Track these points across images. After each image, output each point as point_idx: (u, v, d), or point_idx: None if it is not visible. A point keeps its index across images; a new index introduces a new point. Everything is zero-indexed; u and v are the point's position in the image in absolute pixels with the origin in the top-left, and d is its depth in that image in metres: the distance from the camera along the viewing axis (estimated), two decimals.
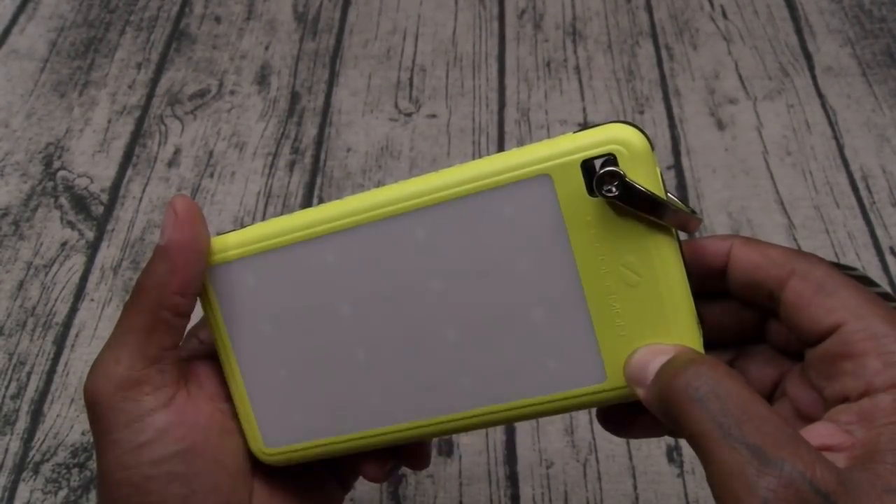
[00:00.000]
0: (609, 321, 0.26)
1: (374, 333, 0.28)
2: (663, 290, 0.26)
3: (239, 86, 0.68)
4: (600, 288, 0.26)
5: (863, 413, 0.25)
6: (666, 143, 0.63)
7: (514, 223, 0.26)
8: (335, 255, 0.28)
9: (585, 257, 0.26)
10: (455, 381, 0.27)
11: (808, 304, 0.27)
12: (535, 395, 0.27)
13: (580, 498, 0.46)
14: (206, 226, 0.30)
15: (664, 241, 0.26)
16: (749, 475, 0.22)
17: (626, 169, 0.25)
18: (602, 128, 0.26)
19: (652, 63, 0.69)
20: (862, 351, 0.25)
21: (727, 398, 0.23)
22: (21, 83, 0.69)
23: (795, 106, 0.65)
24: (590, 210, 0.26)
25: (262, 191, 0.61)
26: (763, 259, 0.28)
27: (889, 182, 0.60)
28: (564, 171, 0.26)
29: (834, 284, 0.27)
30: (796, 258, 0.28)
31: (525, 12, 0.74)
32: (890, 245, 0.57)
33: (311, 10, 0.75)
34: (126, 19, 0.74)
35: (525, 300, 0.27)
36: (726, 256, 0.29)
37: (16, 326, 0.54)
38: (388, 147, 0.63)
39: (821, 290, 0.26)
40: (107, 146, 0.64)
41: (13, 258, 0.57)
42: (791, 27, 0.71)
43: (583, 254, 0.26)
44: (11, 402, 0.50)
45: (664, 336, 0.26)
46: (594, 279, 0.26)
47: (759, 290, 0.28)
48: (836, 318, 0.26)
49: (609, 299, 0.26)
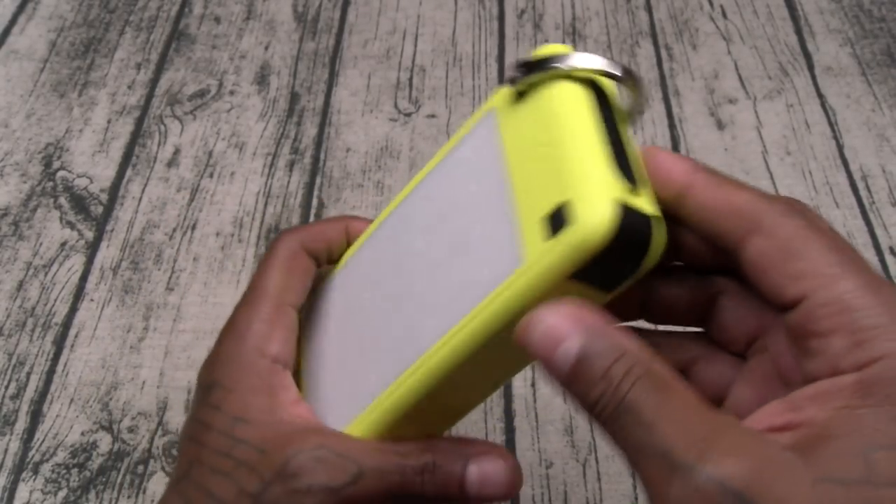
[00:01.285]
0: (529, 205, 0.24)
1: (379, 310, 0.30)
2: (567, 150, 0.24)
3: (238, 86, 0.68)
4: (524, 182, 0.25)
5: (820, 393, 0.21)
6: (666, 143, 0.63)
7: (468, 160, 0.28)
8: (369, 251, 0.32)
9: (514, 156, 0.26)
10: (422, 324, 0.27)
11: (771, 267, 0.23)
12: (474, 306, 0.25)
13: (580, 498, 0.46)
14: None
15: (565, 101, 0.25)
16: (660, 486, 0.20)
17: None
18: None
19: (651, 63, 0.69)
20: (828, 328, 0.22)
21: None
22: (21, 83, 0.69)
23: (795, 106, 0.65)
24: (518, 114, 0.26)
25: (261, 191, 0.61)
26: (725, 205, 0.24)
27: (889, 182, 0.60)
28: (503, 97, 0.27)
29: (804, 243, 0.22)
30: (765, 208, 0.23)
31: (525, 12, 0.74)
32: (890, 245, 0.57)
33: (311, 10, 0.75)
34: (126, 19, 0.74)
35: (469, 222, 0.27)
36: (683, 190, 0.25)
37: (15, 326, 0.54)
38: (388, 147, 0.63)
39: (786, 252, 0.22)
40: (106, 146, 0.64)
41: (13, 258, 0.57)
42: (791, 27, 0.71)
43: (512, 154, 0.26)
44: (11, 402, 0.50)
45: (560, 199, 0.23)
46: (520, 173, 0.25)
47: (718, 242, 0.24)
48: (801, 287, 0.22)
49: (530, 189, 0.25)
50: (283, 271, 0.32)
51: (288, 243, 0.32)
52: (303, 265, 0.32)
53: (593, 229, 0.22)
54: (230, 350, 0.30)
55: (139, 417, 0.49)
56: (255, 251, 0.57)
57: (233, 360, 0.30)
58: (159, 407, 0.50)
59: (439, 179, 0.29)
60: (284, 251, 0.32)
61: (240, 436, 0.28)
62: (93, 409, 0.50)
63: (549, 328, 0.22)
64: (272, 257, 0.32)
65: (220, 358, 0.30)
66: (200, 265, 0.57)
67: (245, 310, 0.31)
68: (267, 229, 0.59)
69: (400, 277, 0.29)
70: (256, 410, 0.28)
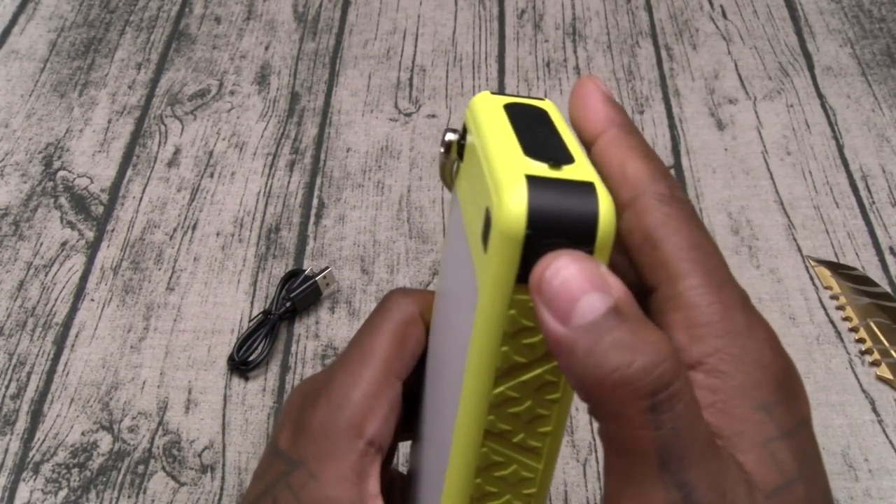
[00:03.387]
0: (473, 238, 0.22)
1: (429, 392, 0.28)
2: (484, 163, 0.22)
3: (239, 86, 0.68)
4: (470, 221, 0.23)
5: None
6: (666, 143, 0.63)
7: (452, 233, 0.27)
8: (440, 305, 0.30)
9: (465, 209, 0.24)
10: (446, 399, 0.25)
11: (633, 250, 0.22)
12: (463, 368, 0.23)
13: (580, 498, 0.46)
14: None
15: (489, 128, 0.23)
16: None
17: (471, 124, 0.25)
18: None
19: (652, 63, 0.69)
20: (669, 322, 0.21)
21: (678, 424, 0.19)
22: (21, 83, 0.69)
23: (795, 106, 0.65)
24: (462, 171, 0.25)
25: (262, 191, 0.61)
26: (617, 170, 0.23)
27: (889, 182, 0.60)
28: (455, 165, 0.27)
29: (666, 233, 0.22)
30: (646, 187, 0.22)
31: (525, 12, 0.74)
32: (890, 245, 0.57)
33: (311, 10, 0.75)
34: (126, 19, 0.74)
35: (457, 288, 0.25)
36: (595, 138, 0.24)
37: (16, 326, 0.54)
38: (388, 147, 0.63)
39: (647, 239, 0.22)
40: (107, 146, 0.64)
41: (13, 258, 0.57)
42: (791, 27, 0.71)
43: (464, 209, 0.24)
44: (11, 402, 0.50)
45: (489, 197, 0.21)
46: (468, 218, 0.23)
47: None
48: (655, 277, 0.22)
49: (472, 221, 0.22)
50: (395, 337, 0.28)
51: (404, 306, 0.28)
52: (416, 335, 0.28)
53: (507, 216, 0.19)
54: (324, 422, 0.26)
55: (139, 417, 0.49)
56: (256, 251, 0.57)
57: (324, 437, 0.26)
58: (160, 407, 0.50)
59: (446, 255, 0.28)
60: (399, 314, 0.28)
61: None
62: (93, 408, 0.50)
63: (568, 278, 0.19)
64: (384, 319, 0.28)
65: (311, 427, 0.26)
66: (201, 265, 0.57)
67: (345, 373, 0.27)
68: (267, 229, 0.59)
69: (437, 352, 0.27)
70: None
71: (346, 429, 0.26)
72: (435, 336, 0.28)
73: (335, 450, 0.26)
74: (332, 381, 0.27)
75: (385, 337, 0.27)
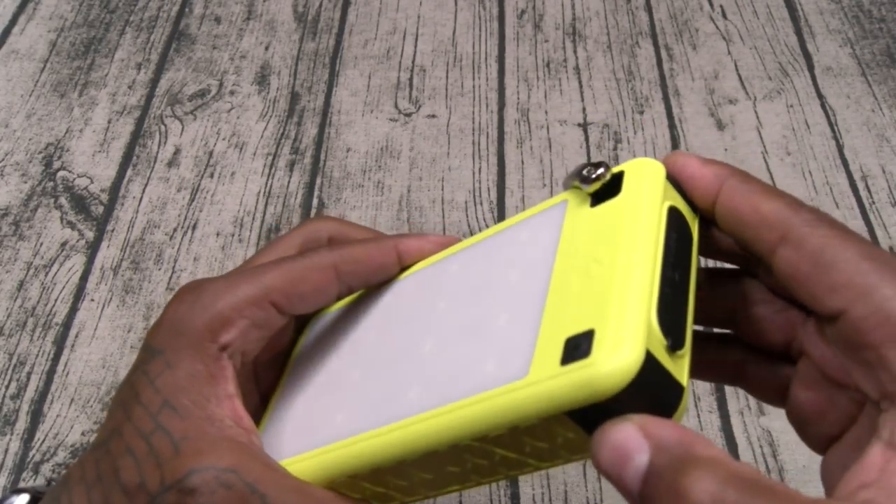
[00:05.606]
0: (556, 318, 0.22)
1: (375, 355, 0.28)
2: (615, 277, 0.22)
3: (239, 86, 0.68)
4: (564, 285, 0.23)
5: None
6: (666, 144, 0.63)
7: (522, 243, 0.26)
8: (390, 293, 0.30)
9: (564, 260, 0.24)
10: (411, 389, 0.25)
11: (805, 279, 0.22)
12: (463, 398, 0.23)
13: (580, 498, 0.46)
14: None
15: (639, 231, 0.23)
16: None
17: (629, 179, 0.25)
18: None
19: (652, 63, 0.69)
20: (877, 340, 0.20)
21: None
22: (21, 83, 0.69)
23: (795, 106, 0.65)
24: (585, 218, 0.25)
25: (262, 191, 0.61)
26: (752, 215, 0.23)
27: (889, 182, 0.60)
28: (579, 193, 0.26)
29: (835, 253, 0.21)
30: (791, 218, 0.23)
31: (525, 12, 0.74)
32: (890, 245, 0.57)
33: (311, 10, 0.75)
34: (126, 19, 0.74)
35: (497, 307, 0.25)
36: (714, 197, 0.24)
37: (16, 326, 0.54)
38: (388, 147, 0.63)
39: (818, 264, 0.22)
40: (107, 146, 0.64)
41: (13, 258, 0.57)
42: (791, 27, 0.71)
43: (563, 257, 0.24)
44: (11, 402, 0.50)
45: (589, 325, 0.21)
46: (562, 278, 0.23)
47: (749, 249, 0.24)
48: (839, 300, 0.21)
49: (564, 301, 0.23)
50: (289, 273, 0.28)
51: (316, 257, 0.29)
52: (317, 282, 0.29)
53: (607, 376, 0.20)
54: (185, 318, 0.27)
55: None
56: (256, 251, 0.57)
57: (184, 333, 0.27)
58: None
59: (487, 252, 0.28)
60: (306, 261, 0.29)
61: (164, 422, 0.25)
62: (93, 408, 0.50)
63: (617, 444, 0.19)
64: (290, 247, 0.29)
65: (173, 323, 0.27)
66: (201, 265, 0.57)
67: (227, 282, 0.28)
68: (267, 229, 0.59)
69: (410, 332, 0.28)
70: (188, 399, 0.26)
71: (201, 329, 0.27)
72: (404, 301, 0.29)
73: (191, 347, 0.27)
74: (211, 284, 0.28)
75: (281, 268, 0.28)
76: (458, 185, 0.61)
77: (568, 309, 0.22)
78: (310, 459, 0.26)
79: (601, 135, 0.63)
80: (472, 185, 0.60)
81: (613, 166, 0.25)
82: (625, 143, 0.63)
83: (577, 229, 0.25)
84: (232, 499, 0.24)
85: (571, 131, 0.64)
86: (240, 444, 0.25)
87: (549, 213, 0.27)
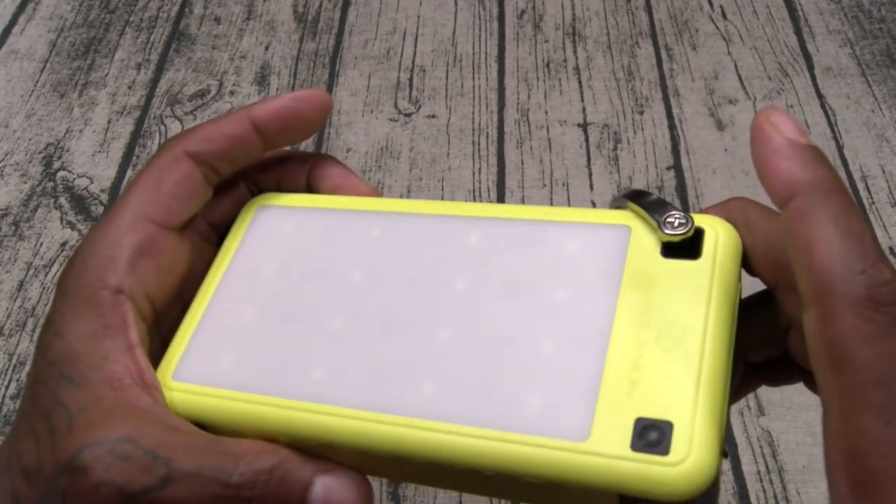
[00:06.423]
0: (622, 378, 0.21)
1: (366, 309, 0.25)
2: (705, 365, 0.21)
3: (239, 86, 0.68)
4: (631, 337, 0.22)
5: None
6: (666, 144, 0.63)
7: (571, 257, 0.24)
8: (382, 230, 0.27)
9: (631, 303, 0.23)
10: (417, 382, 0.23)
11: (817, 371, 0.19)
12: (497, 429, 0.21)
13: None
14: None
15: (723, 317, 0.22)
16: None
17: (710, 244, 0.23)
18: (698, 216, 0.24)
19: (651, 63, 0.69)
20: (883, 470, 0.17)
21: None
22: (21, 83, 0.69)
23: (795, 106, 0.65)
24: (656, 265, 0.23)
25: None
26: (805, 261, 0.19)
27: (888, 182, 0.60)
28: (646, 227, 0.24)
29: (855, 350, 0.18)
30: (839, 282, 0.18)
31: (525, 13, 0.74)
32: (890, 245, 0.57)
33: (311, 10, 0.75)
34: (126, 20, 0.74)
35: (540, 325, 0.23)
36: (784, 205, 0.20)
37: (16, 327, 0.54)
38: (388, 147, 0.63)
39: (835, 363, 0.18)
40: (107, 146, 0.64)
41: (13, 258, 0.57)
42: (790, 27, 0.71)
43: (629, 300, 0.23)
44: (11, 402, 0.50)
45: (669, 414, 0.20)
46: (628, 328, 0.22)
47: (779, 280, 0.23)
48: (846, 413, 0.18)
49: (635, 353, 0.22)
50: (148, 184, 0.26)
51: (166, 152, 0.27)
52: (177, 175, 0.27)
53: (683, 482, 0.19)
54: (72, 280, 0.25)
55: None
56: None
57: (70, 294, 0.25)
58: None
59: (522, 242, 0.25)
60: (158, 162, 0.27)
61: (62, 397, 0.23)
62: None
63: None
64: (142, 171, 0.27)
65: (64, 288, 0.25)
66: None
67: (95, 231, 0.26)
68: None
69: (417, 302, 0.25)
70: (84, 364, 0.24)
71: (90, 282, 0.25)
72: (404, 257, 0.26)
73: (81, 305, 0.25)
74: (85, 240, 0.26)
75: (135, 187, 0.26)
76: (458, 185, 0.61)
77: (639, 375, 0.21)
78: (259, 405, 0.24)
79: (601, 135, 0.63)
80: (472, 186, 0.60)
81: (692, 214, 0.24)
82: (625, 144, 0.63)
83: (645, 273, 0.23)
84: (132, 470, 0.22)
85: (571, 131, 0.64)
86: (137, 408, 0.23)
87: (608, 235, 0.24)
